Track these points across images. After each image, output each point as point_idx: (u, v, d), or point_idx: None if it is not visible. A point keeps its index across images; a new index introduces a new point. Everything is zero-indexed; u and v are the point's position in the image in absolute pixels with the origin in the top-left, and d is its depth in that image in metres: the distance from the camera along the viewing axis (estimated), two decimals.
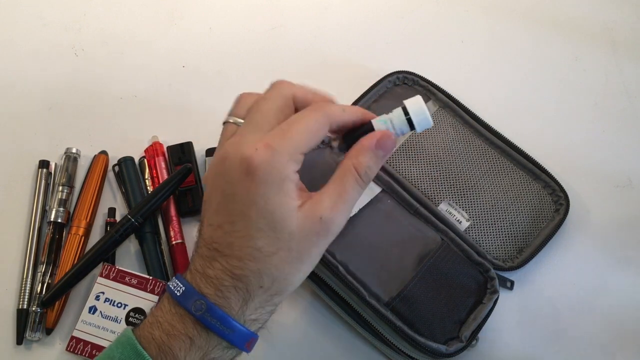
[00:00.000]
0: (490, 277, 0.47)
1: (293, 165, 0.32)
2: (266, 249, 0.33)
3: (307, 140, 0.33)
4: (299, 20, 0.65)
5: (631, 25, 0.66)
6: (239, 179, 0.32)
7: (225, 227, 0.33)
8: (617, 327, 0.49)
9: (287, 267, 0.33)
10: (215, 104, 0.59)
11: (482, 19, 0.66)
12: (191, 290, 0.34)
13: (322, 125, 0.33)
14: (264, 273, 0.33)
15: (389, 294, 0.44)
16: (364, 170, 0.34)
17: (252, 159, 0.32)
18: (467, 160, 0.54)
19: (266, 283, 0.33)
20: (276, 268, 0.33)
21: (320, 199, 0.33)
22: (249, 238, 0.33)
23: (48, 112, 0.58)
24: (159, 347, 0.33)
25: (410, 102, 0.35)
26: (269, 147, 0.32)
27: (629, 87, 0.62)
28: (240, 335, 0.33)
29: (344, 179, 0.34)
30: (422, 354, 0.43)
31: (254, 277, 0.33)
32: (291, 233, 0.33)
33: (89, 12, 0.65)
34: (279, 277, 0.33)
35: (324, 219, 0.33)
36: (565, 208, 0.52)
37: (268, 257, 0.33)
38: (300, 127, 0.33)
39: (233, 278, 0.33)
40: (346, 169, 0.34)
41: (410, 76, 0.58)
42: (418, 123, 0.34)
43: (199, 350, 0.33)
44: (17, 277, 0.49)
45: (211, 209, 0.34)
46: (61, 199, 0.51)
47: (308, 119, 0.33)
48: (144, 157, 0.55)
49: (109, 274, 0.48)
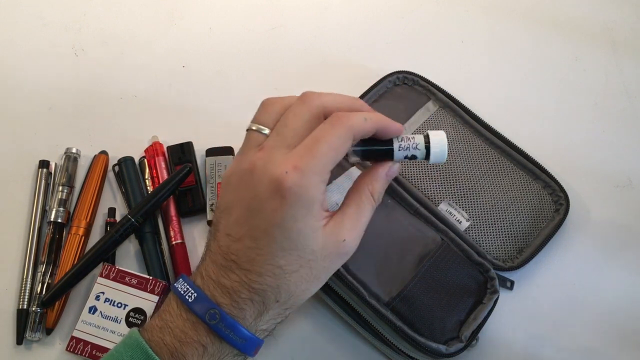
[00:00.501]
0: (490, 277, 0.47)
1: (322, 186, 0.33)
2: (288, 267, 0.33)
3: (333, 158, 0.33)
4: (299, 20, 0.65)
5: (631, 25, 0.66)
6: (268, 198, 0.32)
7: (245, 242, 0.33)
8: (617, 327, 0.49)
9: (305, 284, 0.35)
10: (215, 104, 0.59)
11: (482, 19, 0.66)
12: (204, 298, 0.34)
13: (345, 140, 0.34)
14: (282, 289, 0.34)
15: (389, 294, 0.44)
16: (378, 195, 0.37)
17: (283, 181, 0.32)
18: (467, 160, 0.54)
19: (283, 298, 0.34)
20: (295, 285, 0.34)
21: (342, 221, 0.35)
22: (272, 256, 0.33)
23: (48, 112, 0.58)
24: (171, 354, 0.33)
25: (433, 134, 0.36)
26: (299, 170, 0.32)
27: (629, 87, 0.62)
28: (251, 343, 0.34)
29: (362, 204, 0.36)
30: (422, 354, 0.43)
31: (272, 292, 0.34)
32: (314, 252, 0.34)
33: (89, 12, 0.65)
34: (296, 293, 0.35)
35: (346, 242, 0.35)
36: (565, 208, 0.52)
37: (288, 274, 0.34)
38: (325, 147, 0.33)
39: (250, 291, 0.33)
40: (364, 194, 0.36)
41: (410, 76, 0.58)
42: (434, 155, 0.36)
43: (211, 357, 0.34)
44: (17, 277, 0.49)
45: (231, 218, 0.34)
46: (61, 199, 0.51)
47: (332, 136, 0.33)
48: (144, 157, 0.55)
49: (109, 274, 0.48)
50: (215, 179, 0.53)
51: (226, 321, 0.33)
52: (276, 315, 0.35)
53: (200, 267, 0.36)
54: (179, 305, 0.34)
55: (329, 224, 0.34)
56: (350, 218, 0.35)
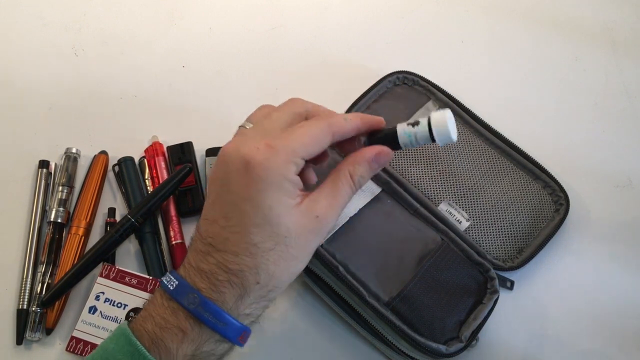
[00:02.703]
0: (490, 277, 0.47)
1: (292, 167, 0.33)
2: (263, 245, 0.33)
3: (308, 144, 0.34)
4: (299, 20, 0.65)
5: (631, 25, 0.66)
6: (237, 174, 0.33)
7: (220, 222, 0.34)
8: (617, 327, 0.49)
9: (284, 263, 0.34)
10: (215, 104, 0.59)
11: (482, 19, 0.66)
12: (184, 284, 0.34)
13: (323, 133, 0.34)
14: (261, 269, 0.33)
15: (389, 294, 0.44)
16: (357, 178, 0.36)
17: (252, 156, 0.32)
18: (467, 160, 0.54)
19: (263, 279, 0.34)
20: (273, 264, 0.34)
21: (317, 199, 0.35)
22: (246, 233, 0.33)
23: (48, 112, 0.58)
24: (151, 340, 0.33)
25: (435, 115, 0.35)
26: (270, 147, 0.33)
27: (629, 87, 0.62)
28: (233, 329, 0.34)
29: (339, 183, 0.36)
30: (422, 354, 0.43)
31: (250, 272, 0.33)
32: (288, 229, 0.33)
33: (89, 12, 0.65)
34: (276, 273, 0.34)
35: (320, 218, 0.34)
36: (565, 208, 0.52)
37: (265, 253, 0.33)
38: (301, 132, 0.34)
39: (228, 272, 0.33)
40: (342, 174, 0.36)
41: (410, 76, 0.58)
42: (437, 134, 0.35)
43: (192, 343, 0.33)
44: (17, 277, 0.49)
45: (208, 201, 0.35)
46: (61, 199, 0.51)
47: (310, 126, 0.34)
48: (144, 157, 0.55)
49: (109, 274, 0.48)
50: None
51: (205, 304, 0.33)
52: (259, 299, 0.35)
53: (184, 259, 0.36)
54: (162, 295, 0.35)
55: (304, 202, 0.34)
56: (326, 196, 0.35)
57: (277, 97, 0.59)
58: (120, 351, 0.33)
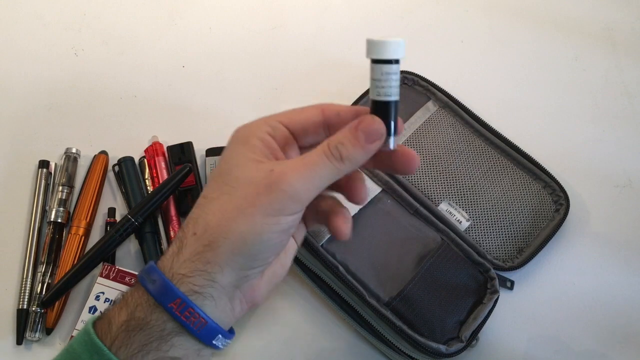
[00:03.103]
0: (491, 277, 0.47)
1: (265, 127, 0.32)
2: (210, 194, 0.32)
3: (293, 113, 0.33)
4: (299, 20, 0.65)
5: (631, 25, 0.66)
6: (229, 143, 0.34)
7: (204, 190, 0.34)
8: (617, 327, 0.49)
9: (223, 214, 0.30)
10: (215, 104, 0.59)
11: (482, 19, 0.66)
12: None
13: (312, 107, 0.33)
14: (200, 218, 0.31)
15: (389, 294, 0.44)
16: (335, 144, 0.30)
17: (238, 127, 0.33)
18: (468, 160, 0.54)
19: (199, 229, 0.31)
20: (213, 213, 0.30)
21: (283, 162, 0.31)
22: (205, 189, 0.33)
23: (48, 112, 0.58)
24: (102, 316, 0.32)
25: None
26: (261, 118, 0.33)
27: (629, 87, 0.62)
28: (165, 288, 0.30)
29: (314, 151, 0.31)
30: (422, 354, 0.43)
31: (191, 223, 0.31)
32: (237, 179, 0.31)
33: (89, 12, 0.65)
34: (212, 224, 0.30)
35: (275, 172, 0.30)
36: (565, 208, 0.52)
37: (209, 202, 0.31)
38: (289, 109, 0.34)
39: (181, 230, 0.32)
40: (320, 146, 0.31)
41: (410, 76, 0.58)
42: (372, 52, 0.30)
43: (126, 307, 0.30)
44: (17, 277, 0.49)
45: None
46: (61, 199, 0.51)
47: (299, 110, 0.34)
48: (144, 157, 0.55)
49: (109, 274, 0.48)
50: None
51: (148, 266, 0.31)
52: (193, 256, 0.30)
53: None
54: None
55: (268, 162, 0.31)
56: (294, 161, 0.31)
57: (277, 97, 0.60)
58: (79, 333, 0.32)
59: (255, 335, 0.47)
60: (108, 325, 0.30)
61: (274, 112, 0.34)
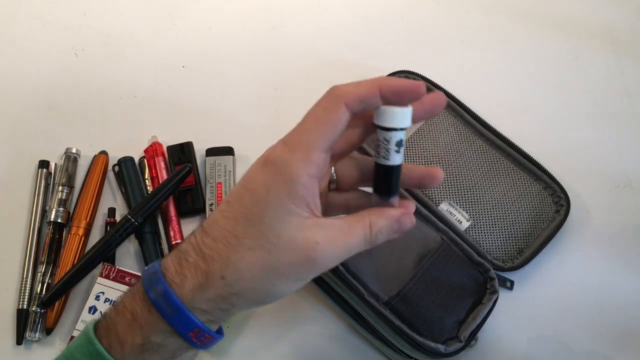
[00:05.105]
0: (490, 277, 0.47)
1: (307, 168, 0.29)
2: (244, 240, 0.30)
3: (322, 133, 0.30)
4: (299, 20, 0.65)
5: (631, 25, 0.66)
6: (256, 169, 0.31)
7: (221, 206, 0.32)
8: (618, 328, 0.49)
9: (258, 271, 0.30)
10: (215, 104, 0.59)
11: (482, 19, 0.66)
12: (155, 264, 0.32)
13: (332, 111, 0.30)
14: (231, 264, 0.30)
15: (388, 293, 0.44)
16: (376, 232, 0.32)
17: (269, 154, 0.30)
18: (468, 161, 0.54)
19: (229, 276, 0.30)
20: (247, 265, 0.30)
21: (327, 226, 0.31)
22: (233, 221, 0.30)
23: (48, 112, 0.58)
24: (107, 327, 0.32)
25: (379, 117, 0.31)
26: (285, 144, 0.30)
27: (629, 87, 0.62)
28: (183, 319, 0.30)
29: (357, 225, 0.32)
30: (421, 353, 0.43)
31: (219, 262, 0.30)
32: (279, 237, 0.29)
33: (89, 12, 0.65)
34: (246, 277, 0.30)
35: (320, 247, 0.30)
36: (565, 209, 0.52)
37: (243, 249, 0.30)
38: (309, 121, 0.30)
39: (198, 255, 0.31)
40: (363, 219, 0.32)
41: (411, 76, 0.58)
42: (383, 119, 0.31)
43: (140, 329, 0.31)
44: (17, 277, 0.49)
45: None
46: (61, 199, 0.51)
47: (316, 108, 0.30)
48: (144, 157, 0.55)
49: (109, 274, 0.48)
50: (215, 179, 0.53)
51: (159, 283, 0.30)
52: (218, 299, 0.30)
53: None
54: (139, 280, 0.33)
55: (310, 221, 0.30)
56: (338, 230, 0.31)
57: (277, 97, 0.60)
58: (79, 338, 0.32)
59: (253, 334, 0.47)
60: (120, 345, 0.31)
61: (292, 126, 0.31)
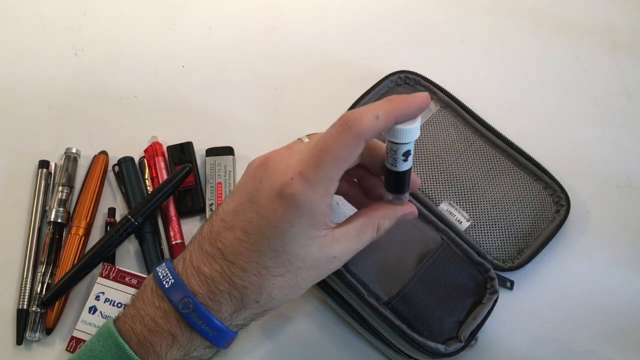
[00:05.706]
0: (490, 277, 0.47)
1: (327, 200, 0.33)
2: (274, 270, 0.33)
3: (341, 167, 0.32)
4: (299, 20, 0.65)
5: (631, 25, 0.66)
6: (270, 197, 0.32)
7: (236, 232, 0.33)
8: (618, 328, 0.49)
9: (288, 290, 0.34)
10: (215, 104, 0.59)
11: (482, 19, 0.66)
12: (180, 285, 0.33)
13: (354, 147, 0.32)
14: (265, 291, 0.33)
15: (388, 293, 0.44)
16: (382, 232, 0.37)
17: (286, 186, 0.31)
18: (468, 161, 0.54)
19: (264, 300, 0.34)
20: (278, 289, 0.34)
21: (340, 240, 0.35)
22: (260, 254, 0.33)
23: (48, 112, 0.58)
24: (139, 343, 0.33)
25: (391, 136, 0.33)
26: (304, 179, 0.31)
27: (629, 87, 0.62)
28: (223, 336, 0.34)
29: (366, 232, 0.36)
30: (421, 353, 0.43)
31: (253, 291, 0.33)
32: (304, 260, 0.33)
33: (89, 12, 0.65)
34: (278, 297, 0.34)
35: (337, 259, 0.35)
36: (565, 209, 0.52)
37: (274, 277, 0.33)
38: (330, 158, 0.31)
39: (230, 285, 0.33)
40: (372, 223, 0.36)
41: (412, 76, 0.58)
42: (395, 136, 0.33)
43: (181, 348, 0.33)
44: (17, 277, 0.49)
45: (231, 204, 0.34)
46: (61, 199, 0.51)
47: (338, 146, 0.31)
48: (144, 157, 0.55)
49: (109, 274, 0.48)
50: (215, 179, 0.53)
51: (199, 311, 0.32)
52: (253, 315, 0.35)
53: (185, 251, 0.35)
54: (154, 291, 0.34)
55: (327, 237, 0.34)
56: (349, 240, 0.35)
57: (277, 97, 0.60)
58: (108, 353, 0.33)
59: (252, 333, 0.47)
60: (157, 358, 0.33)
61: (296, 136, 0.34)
